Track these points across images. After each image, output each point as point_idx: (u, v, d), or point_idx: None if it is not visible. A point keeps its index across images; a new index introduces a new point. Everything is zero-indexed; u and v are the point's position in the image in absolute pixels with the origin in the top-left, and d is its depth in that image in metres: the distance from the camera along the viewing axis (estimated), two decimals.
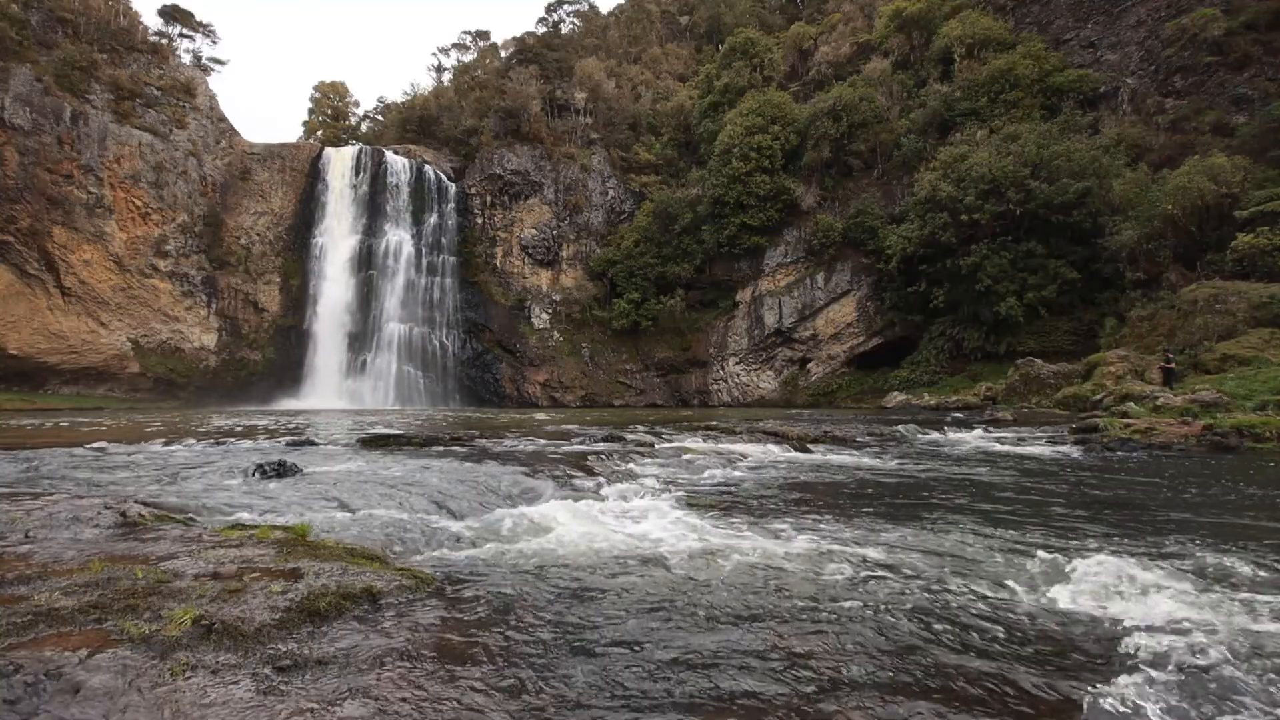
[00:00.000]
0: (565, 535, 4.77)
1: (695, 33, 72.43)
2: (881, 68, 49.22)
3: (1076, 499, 6.77)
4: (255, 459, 8.34)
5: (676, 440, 12.57)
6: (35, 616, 2.43)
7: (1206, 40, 34.36)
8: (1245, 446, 10.96)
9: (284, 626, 2.58)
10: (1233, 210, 27.20)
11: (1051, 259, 34.38)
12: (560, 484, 7.18)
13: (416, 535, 4.75)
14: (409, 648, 2.56)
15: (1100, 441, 11.90)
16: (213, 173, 49.23)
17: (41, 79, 41.79)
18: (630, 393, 51.05)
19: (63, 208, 42.23)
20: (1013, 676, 2.52)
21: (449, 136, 59.02)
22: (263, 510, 5.49)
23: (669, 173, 55.84)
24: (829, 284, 45.57)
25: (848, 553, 4.29)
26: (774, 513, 5.97)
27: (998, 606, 3.27)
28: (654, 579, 3.75)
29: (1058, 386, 25.26)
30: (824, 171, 46.65)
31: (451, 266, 52.63)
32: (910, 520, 5.57)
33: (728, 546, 4.44)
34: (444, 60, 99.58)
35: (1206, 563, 4.11)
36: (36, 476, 7.07)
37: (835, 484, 8.02)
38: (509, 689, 2.29)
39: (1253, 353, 20.19)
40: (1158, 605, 3.19)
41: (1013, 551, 4.41)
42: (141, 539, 3.81)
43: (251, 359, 50.03)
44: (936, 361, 38.86)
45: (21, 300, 42.24)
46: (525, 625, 2.94)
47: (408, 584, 3.27)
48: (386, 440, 11.50)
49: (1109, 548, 4.47)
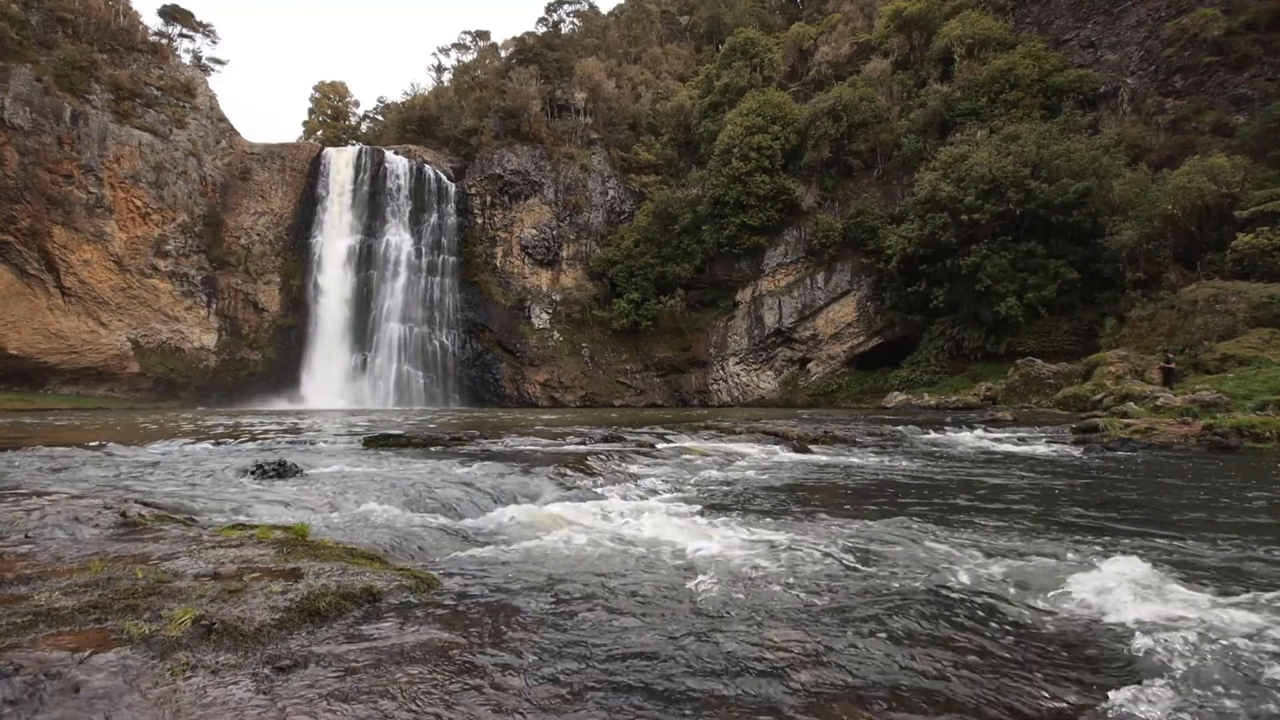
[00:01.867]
0: (565, 535, 4.77)
1: (695, 33, 72.44)
2: (881, 68, 49.24)
3: (1076, 499, 6.76)
4: (255, 459, 8.34)
5: (677, 440, 12.57)
6: (35, 616, 2.43)
7: (1206, 40, 34.38)
8: (1245, 446, 10.95)
9: (284, 626, 2.58)
10: (1233, 210, 27.21)
11: (1051, 259, 34.40)
12: (560, 484, 7.18)
13: (416, 535, 4.74)
14: (409, 648, 2.56)
15: (1100, 441, 11.90)
16: (213, 173, 49.25)
17: (41, 79, 41.81)
18: (630, 393, 51.05)
19: (63, 208, 42.25)
20: (1015, 680, 2.51)
21: (449, 136, 59.05)
22: (263, 510, 5.48)
23: (669, 173, 55.87)
24: (829, 284, 45.58)
25: (848, 553, 4.29)
26: (775, 513, 5.97)
27: (999, 608, 3.27)
28: (654, 579, 3.75)
29: (1058, 386, 25.27)
30: (824, 171, 46.67)
31: (451, 266, 52.64)
32: (910, 521, 5.57)
33: (728, 547, 4.44)
34: (444, 60, 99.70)
35: (1209, 562, 4.10)
36: (36, 476, 7.06)
37: (835, 484, 8.01)
38: (509, 689, 2.29)
39: (1253, 353, 20.19)
40: (1161, 606, 3.18)
41: (1013, 552, 4.41)
42: (141, 539, 3.81)
43: (251, 359, 50.05)
44: (936, 361, 38.88)
45: (21, 300, 42.26)
46: (525, 625, 2.93)
47: (408, 584, 3.27)
48: (386, 440, 11.50)
49: (1111, 548, 4.47)
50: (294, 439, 12.30)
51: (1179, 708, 2.26)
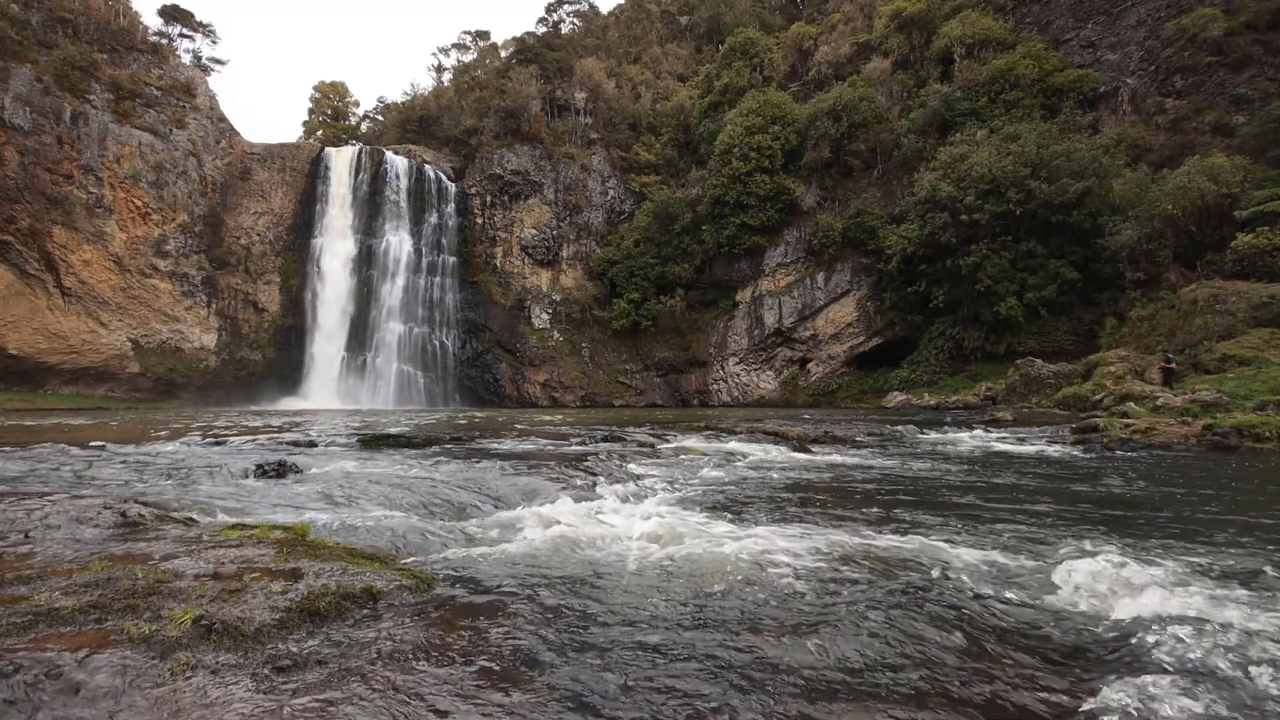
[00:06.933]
0: (566, 535, 4.77)
1: (695, 33, 72.42)
2: (881, 68, 49.24)
3: (1076, 498, 6.76)
4: (255, 459, 8.34)
5: (677, 440, 12.57)
6: (35, 616, 2.43)
7: (1206, 40, 34.38)
8: (1245, 446, 10.95)
9: (284, 626, 2.58)
10: (1233, 210, 27.20)
11: (1051, 259, 34.40)
12: (560, 484, 7.17)
13: (416, 535, 4.75)
14: (409, 648, 2.56)
15: (1100, 441, 11.89)
16: (213, 173, 49.25)
17: (41, 79, 41.81)
18: (630, 393, 51.05)
19: (63, 208, 42.25)
20: (1013, 679, 2.51)
21: (449, 136, 59.05)
22: (263, 510, 5.48)
23: (669, 173, 55.88)
24: (829, 284, 45.59)
25: (846, 553, 4.29)
26: (775, 513, 5.97)
27: (997, 607, 3.27)
28: (654, 579, 3.75)
29: (1058, 386, 25.25)
30: (824, 171, 46.67)
31: (451, 266, 52.64)
32: (909, 520, 5.57)
33: (728, 547, 4.44)
34: (444, 60, 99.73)
35: (1208, 562, 4.10)
36: (36, 476, 7.06)
37: (835, 484, 8.01)
38: (509, 688, 2.29)
39: (1253, 353, 20.19)
40: (1160, 605, 3.18)
41: (1012, 551, 4.41)
42: (141, 539, 3.81)
43: (251, 359, 50.04)
44: (936, 361, 38.87)
45: (21, 300, 42.26)
46: (525, 624, 2.93)
47: (408, 584, 3.27)
48: (386, 440, 11.50)
49: (1110, 547, 4.47)
50: (294, 439, 12.30)
51: (1176, 706, 2.26)
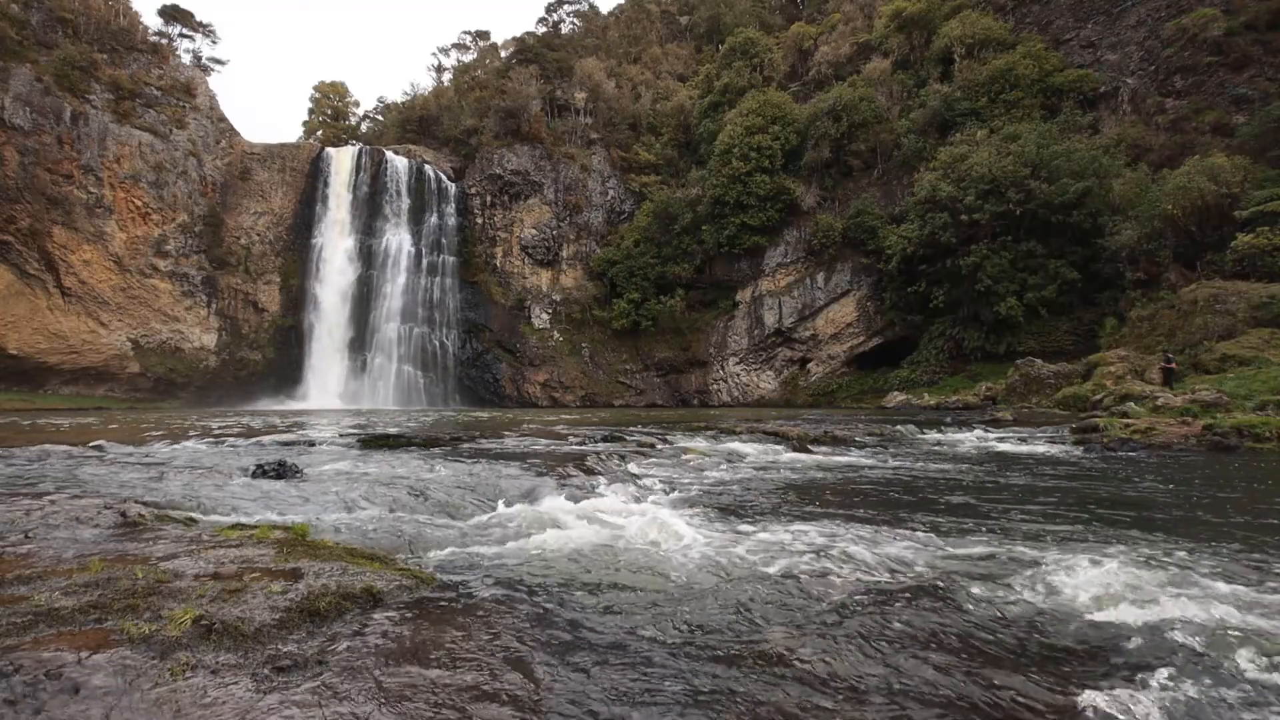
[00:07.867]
0: (566, 535, 4.77)
1: (695, 33, 72.41)
2: (881, 68, 49.22)
3: (1076, 499, 6.76)
4: (255, 459, 8.34)
5: (677, 440, 12.57)
6: (35, 616, 2.43)
7: (1206, 40, 34.36)
8: (1245, 446, 10.96)
9: (284, 626, 2.58)
10: (1233, 210, 27.19)
11: (1051, 259, 34.39)
12: (560, 484, 7.17)
13: (416, 535, 4.75)
14: (409, 647, 2.56)
15: (1100, 441, 11.90)
16: (213, 173, 49.24)
17: (41, 79, 41.79)
18: (630, 393, 51.05)
19: (63, 208, 42.24)
20: (1012, 680, 2.52)
21: (449, 136, 59.04)
22: (263, 510, 5.49)
23: (669, 173, 55.86)
24: (829, 284, 45.58)
25: (845, 553, 4.29)
26: (774, 512, 5.97)
27: (997, 608, 3.27)
28: (653, 579, 3.75)
29: (1058, 386, 25.24)
30: (824, 171, 46.65)
31: (451, 266, 52.63)
32: (909, 520, 5.57)
33: (728, 547, 4.44)
34: (444, 60, 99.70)
35: (1208, 562, 4.10)
36: (36, 476, 7.06)
37: (835, 484, 8.01)
38: (509, 687, 2.29)
39: (1253, 353, 20.18)
40: (1159, 606, 3.18)
41: (1013, 551, 4.41)
42: (141, 539, 3.81)
43: (251, 359, 50.03)
44: (936, 361, 38.86)
45: (21, 300, 42.25)
46: (525, 624, 2.94)
47: (408, 584, 3.27)
48: (386, 440, 11.50)
49: (1110, 548, 4.47)
50: (293, 439, 12.30)
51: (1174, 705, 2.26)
